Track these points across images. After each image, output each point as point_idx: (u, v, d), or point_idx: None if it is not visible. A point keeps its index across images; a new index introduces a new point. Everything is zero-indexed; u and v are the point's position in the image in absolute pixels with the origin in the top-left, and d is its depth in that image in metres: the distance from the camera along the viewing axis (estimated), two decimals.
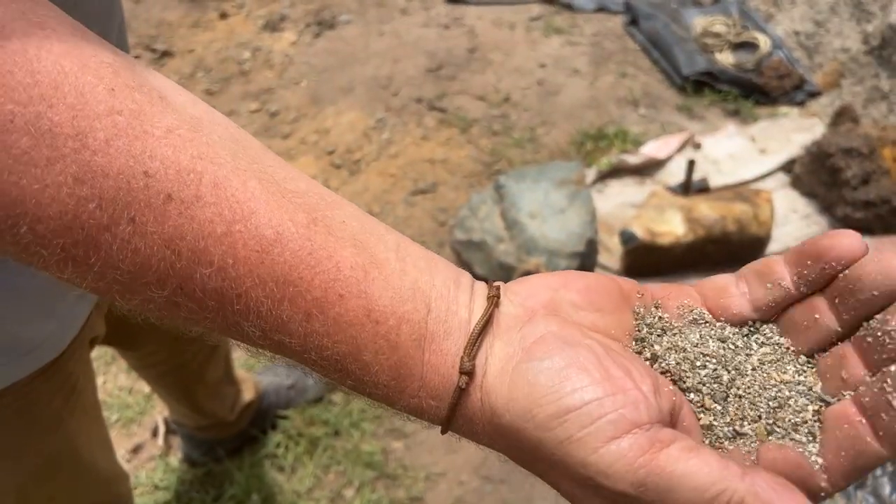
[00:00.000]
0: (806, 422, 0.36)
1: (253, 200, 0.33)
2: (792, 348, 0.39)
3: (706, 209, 1.84)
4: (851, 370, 0.36)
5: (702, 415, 0.37)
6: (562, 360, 0.34)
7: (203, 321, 0.34)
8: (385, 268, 0.35)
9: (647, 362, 0.38)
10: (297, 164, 2.26)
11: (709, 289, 0.41)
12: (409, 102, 2.49)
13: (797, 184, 2.12)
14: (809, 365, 0.38)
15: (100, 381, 1.68)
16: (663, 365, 0.38)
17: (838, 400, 0.36)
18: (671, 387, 0.37)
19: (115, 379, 1.69)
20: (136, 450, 1.58)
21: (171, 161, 0.31)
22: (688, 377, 0.38)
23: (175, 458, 1.55)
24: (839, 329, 0.37)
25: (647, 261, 1.84)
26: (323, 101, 2.51)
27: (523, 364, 0.35)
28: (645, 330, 0.39)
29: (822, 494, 0.34)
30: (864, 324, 0.35)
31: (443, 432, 0.38)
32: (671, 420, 0.35)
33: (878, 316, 0.35)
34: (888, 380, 0.33)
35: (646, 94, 2.50)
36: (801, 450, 0.35)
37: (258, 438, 1.56)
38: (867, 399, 0.34)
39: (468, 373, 0.35)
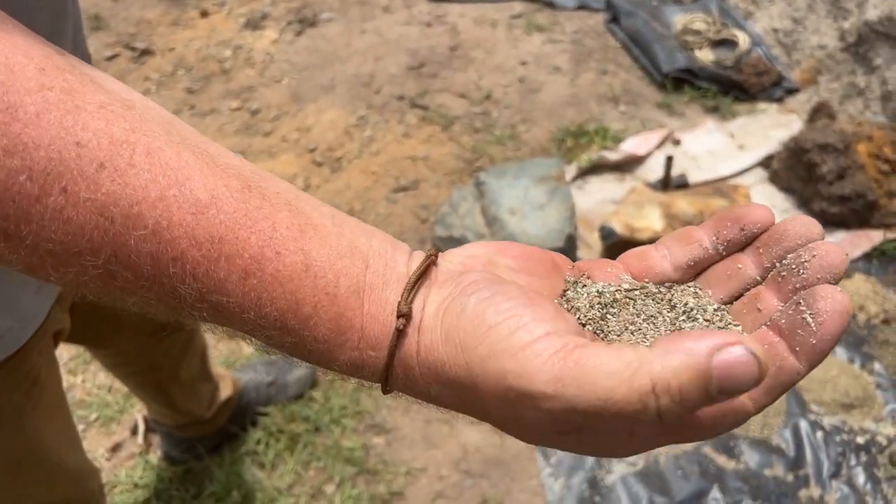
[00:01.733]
0: None
1: (187, 168, 0.33)
2: (709, 297, 0.41)
3: (684, 205, 1.86)
4: (766, 303, 0.38)
5: None
6: (489, 292, 0.35)
7: (139, 290, 0.34)
8: (321, 230, 0.36)
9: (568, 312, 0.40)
10: (279, 162, 2.26)
11: (631, 257, 0.43)
12: (391, 100, 2.49)
13: (775, 179, 2.14)
14: (724, 309, 0.40)
15: (79, 379, 1.68)
16: (580, 314, 0.39)
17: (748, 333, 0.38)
18: (593, 335, 0.38)
19: (94, 377, 1.68)
20: (115, 448, 1.57)
21: (104, 132, 0.32)
22: (603, 321, 0.39)
23: (155, 456, 1.55)
24: (758, 277, 0.39)
25: None
26: (304, 99, 2.51)
27: (455, 300, 0.36)
28: (569, 289, 0.41)
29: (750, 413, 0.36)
30: (777, 264, 0.38)
31: (384, 390, 0.38)
32: None
33: (790, 255, 0.38)
34: (801, 300, 0.35)
35: (626, 91, 2.52)
36: None
37: (238, 435, 1.56)
38: (783, 321, 0.35)
39: (405, 315, 0.36)
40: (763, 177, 2.18)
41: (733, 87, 2.47)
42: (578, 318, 0.39)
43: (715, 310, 0.40)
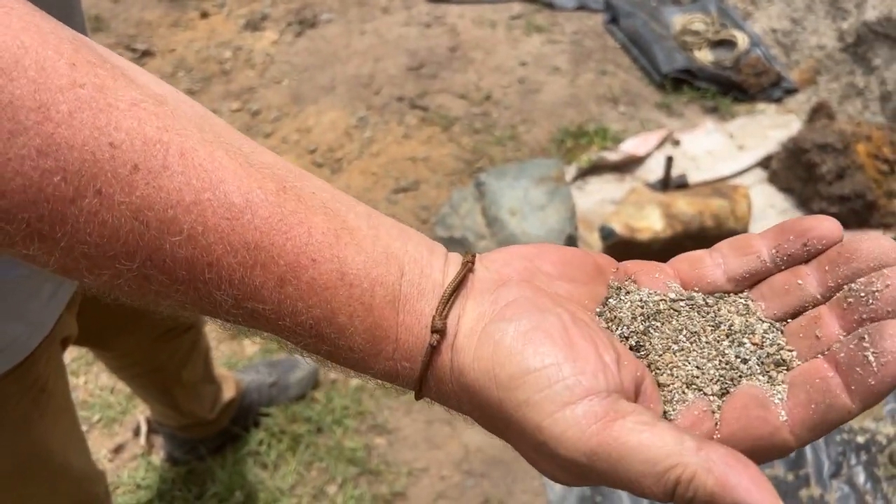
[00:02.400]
0: (771, 379, 0.36)
1: (221, 170, 0.32)
2: (761, 312, 0.39)
3: (684, 205, 1.87)
4: (826, 329, 0.35)
5: (659, 373, 0.37)
6: (528, 323, 0.34)
7: (174, 294, 0.33)
8: (357, 234, 0.35)
9: (610, 324, 0.39)
10: None
11: (682, 262, 0.41)
12: (391, 101, 2.50)
13: (774, 179, 2.15)
14: (777, 327, 0.38)
15: (81, 380, 1.68)
16: (623, 326, 0.38)
17: (802, 361, 0.36)
18: (635, 359, 0.37)
19: (96, 379, 1.69)
20: (118, 449, 1.58)
21: (137, 132, 0.31)
22: (646, 336, 0.38)
23: (157, 457, 1.55)
24: (819, 296, 0.37)
25: (625, 256, 1.84)
26: (304, 100, 2.51)
27: (492, 324, 0.35)
28: (612, 296, 0.40)
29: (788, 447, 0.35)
30: (845, 286, 0.35)
31: (417, 396, 0.38)
32: (633, 392, 0.35)
33: (861, 279, 0.35)
34: (866, 335, 0.33)
35: (625, 91, 2.53)
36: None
37: (241, 436, 1.56)
38: (842, 355, 0.33)
39: (439, 331, 0.35)
40: (762, 177, 2.18)
41: (732, 87, 2.47)
42: (621, 330, 0.38)
43: (765, 331, 0.38)
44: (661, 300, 0.39)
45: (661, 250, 1.85)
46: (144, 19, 2.90)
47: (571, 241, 1.78)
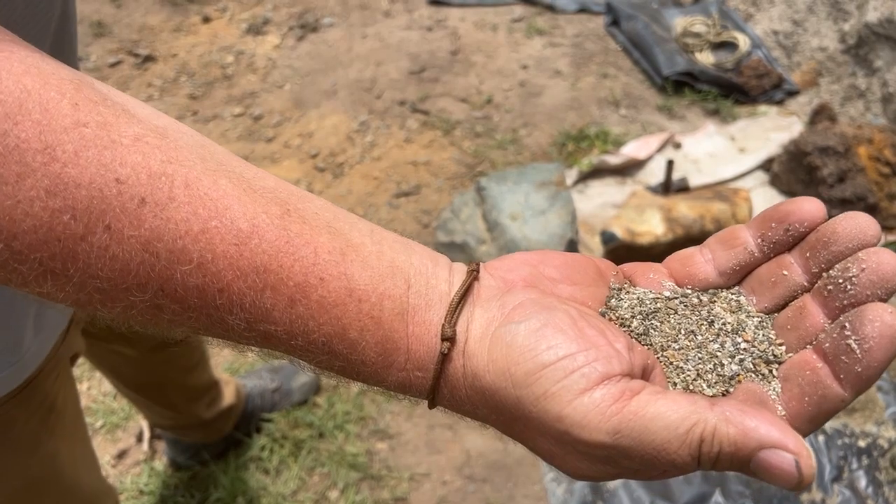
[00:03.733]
0: (764, 376, 0.37)
1: (226, 197, 0.33)
2: (751, 307, 0.39)
3: (685, 209, 1.87)
4: (812, 319, 0.36)
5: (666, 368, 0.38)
6: (538, 322, 0.35)
7: (187, 321, 0.34)
8: (362, 250, 0.36)
9: (613, 323, 0.39)
10: (281, 168, 2.27)
11: (675, 261, 0.42)
12: (392, 105, 2.50)
13: (776, 182, 2.15)
14: (767, 322, 0.39)
15: (84, 386, 1.69)
16: (625, 324, 0.39)
17: (792, 353, 0.37)
18: (645, 349, 0.38)
19: (99, 384, 1.70)
20: (121, 455, 1.58)
21: (142, 166, 0.32)
22: (646, 336, 0.39)
23: (160, 463, 1.56)
24: (806, 283, 0.37)
25: (627, 261, 1.86)
26: (306, 105, 2.52)
27: (502, 327, 0.35)
28: (612, 297, 0.41)
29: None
30: (825, 274, 0.36)
31: (430, 406, 0.38)
32: (643, 376, 0.36)
33: (838, 265, 0.35)
34: (847, 323, 0.33)
35: (626, 94, 2.53)
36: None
37: (243, 442, 1.57)
38: (827, 345, 0.34)
39: (449, 339, 0.36)
40: (764, 180, 2.18)
41: (734, 89, 2.47)
42: (624, 331, 0.39)
43: (756, 327, 0.38)
44: (655, 299, 0.40)
45: (662, 254, 1.85)
46: (147, 24, 2.91)
47: (572, 245, 1.79)
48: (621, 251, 1.84)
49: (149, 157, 0.32)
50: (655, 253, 1.85)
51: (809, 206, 0.37)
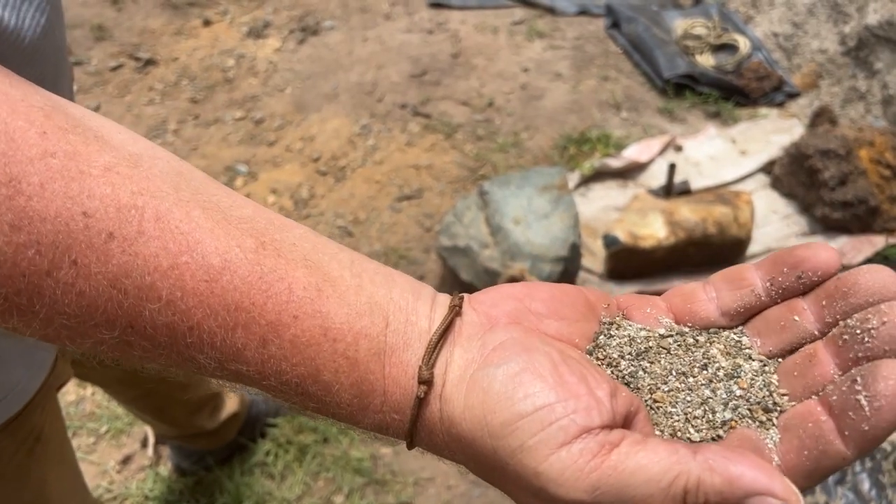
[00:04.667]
0: (762, 423, 0.35)
1: (198, 230, 0.32)
2: (753, 350, 0.37)
3: (687, 212, 1.87)
4: (821, 368, 0.34)
5: (652, 412, 0.36)
6: (517, 366, 0.33)
7: (158, 357, 0.33)
8: (339, 285, 0.34)
9: (601, 363, 0.38)
10: (283, 172, 2.27)
11: (676, 296, 0.40)
12: (394, 108, 2.51)
13: (777, 185, 2.15)
14: (769, 369, 0.37)
15: (88, 392, 1.69)
16: (613, 364, 0.37)
17: (796, 402, 0.35)
18: (630, 393, 0.36)
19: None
20: (126, 461, 1.58)
21: (111, 199, 0.31)
22: (633, 378, 0.37)
23: (165, 469, 1.56)
24: (816, 332, 0.36)
25: (629, 264, 1.87)
26: (308, 108, 2.52)
27: (480, 370, 0.34)
28: (602, 333, 0.39)
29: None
30: (841, 322, 0.34)
31: (409, 447, 0.37)
32: (626, 424, 0.34)
33: (857, 315, 0.33)
34: (859, 377, 0.31)
35: (627, 97, 2.53)
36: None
37: (248, 447, 1.57)
38: (835, 398, 0.32)
39: (426, 382, 0.34)
40: (765, 182, 2.19)
41: (734, 92, 2.48)
42: (611, 370, 0.37)
43: (756, 372, 0.36)
44: (649, 336, 0.38)
45: (664, 258, 1.86)
46: (148, 28, 2.91)
47: (575, 249, 1.79)
48: (623, 255, 1.85)
49: (118, 188, 0.31)
50: (658, 256, 1.85)
51: (826, 255, 0.36)
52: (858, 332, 0.33)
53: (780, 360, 0.37)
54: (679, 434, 0.35)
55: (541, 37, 2.81)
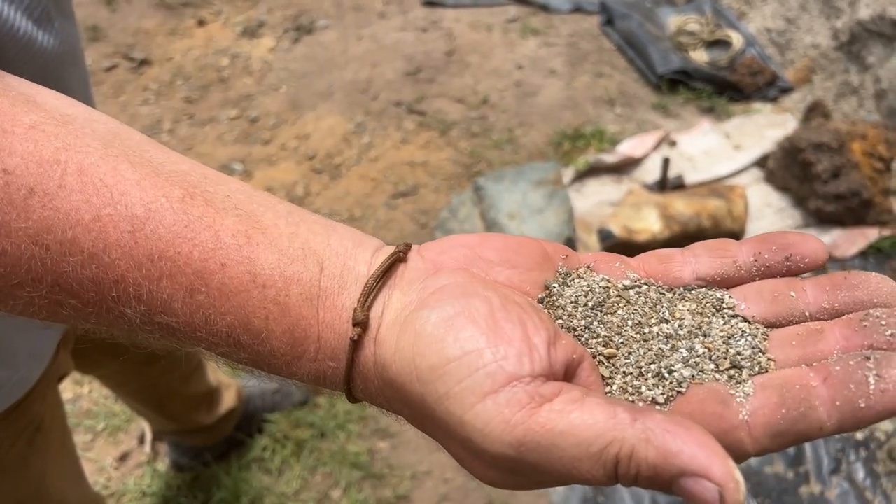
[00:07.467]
0: (732, 377, 0.33)
1: (123, 182, 0.31)
2: (736, 309, 0.36)
3: (681, 206, 1.88)
4: (826, 344, 0.33)
5: (601, 366, 0.35)
6: (452, 309, 0.31)
7: (89, 316, 0.32)
8: (271, 232, 0.33)
9: (551, 312, 0.36)
10: (279, 170, 2.27)
11: (652, 256, 0.39)
12: (389, 106, 2.51)
13: (771, 178, 2.16)
14: (760, 329, 0.35)
15: (85, 389, 1.69)
16: (567, 314, 0.36)
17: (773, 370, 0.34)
18: (573, 341, 0.34)
19: (100, 387, 1.70)
20: (123, 457, 1.59)
21: (33, 155, 0.30)
22: (588, 328, 0.35)
23: (162, 465, 1.57)
24: (808, 313, 0.35)
25: None
26: (302, 107, 2.53)
27: (415, 312, 0.32)
28: (556, 282, 0.37)
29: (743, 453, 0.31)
30: (863, 312, 0.33)
31: (349, 399, 0.36)
32: (566, 374, 0.32)
33: (882, 308, 0.33)
34: (872, 357, 0.30)
35: (622, 93, 2.54)
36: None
37: (245, 442, 1.57)
38: (839, 368, 0.31)
39: (360, 324, 0.33)
40: (759, 176, 2.20)
41: (728, 87, 2.49)
42: (561, 323, 0.35)
43: (742, 332, 0.35)
44: (609, 287, 0.36)
45: None
46: (142, 28, 2.91)
47: (570, 243, 1.80)
48: (618, 249, 1.86)
49: (42, 145, 0.31)
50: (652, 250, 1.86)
51: (815, 246, 0.36)
52: (883, 322, 0.32)
53: (760, 324, 0.36)
54: (631, 390, 0.33)
55: (535, 34, 2.82)
